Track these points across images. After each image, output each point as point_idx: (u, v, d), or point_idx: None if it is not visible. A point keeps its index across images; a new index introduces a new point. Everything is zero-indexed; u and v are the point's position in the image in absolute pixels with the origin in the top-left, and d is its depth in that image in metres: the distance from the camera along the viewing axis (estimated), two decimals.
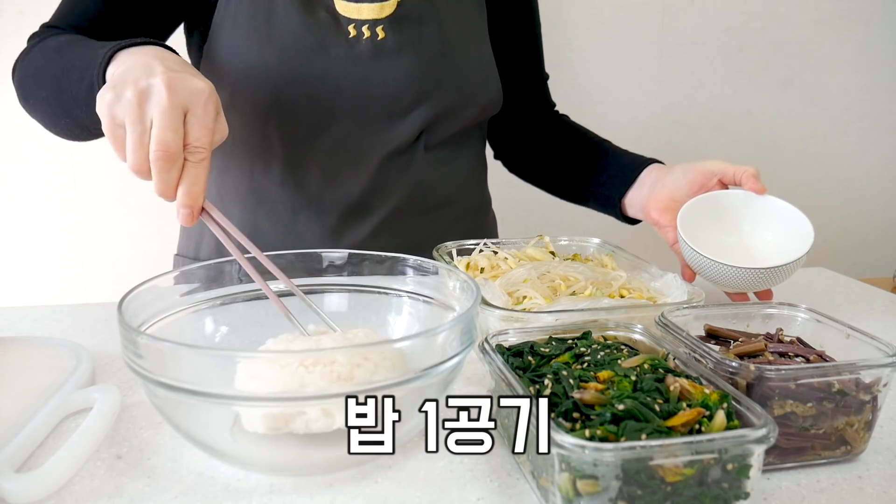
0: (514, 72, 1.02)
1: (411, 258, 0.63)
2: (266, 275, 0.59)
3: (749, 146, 1.80)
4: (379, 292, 0.63)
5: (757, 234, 0.82)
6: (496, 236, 1.06)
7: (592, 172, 0.98)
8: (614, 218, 0.97)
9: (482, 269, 0.76)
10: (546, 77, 1.09)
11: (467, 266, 0.77)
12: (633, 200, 0.91)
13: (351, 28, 0.84)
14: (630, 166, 0.93)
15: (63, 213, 1.56)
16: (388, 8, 0.86)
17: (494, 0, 0.98)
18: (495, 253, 0.81)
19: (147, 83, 0.57)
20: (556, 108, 1.11)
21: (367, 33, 0.85)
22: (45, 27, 0.84)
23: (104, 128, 0.60)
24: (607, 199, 0.95)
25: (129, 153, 0.58)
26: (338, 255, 0.64)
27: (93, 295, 1.60)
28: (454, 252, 0.81)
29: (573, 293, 0.68)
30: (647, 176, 0.90)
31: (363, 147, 0.88)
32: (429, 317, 0.61)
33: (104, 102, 0.58)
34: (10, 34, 1.44)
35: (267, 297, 0.63)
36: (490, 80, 0.95)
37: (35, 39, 0.83)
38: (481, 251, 0.81)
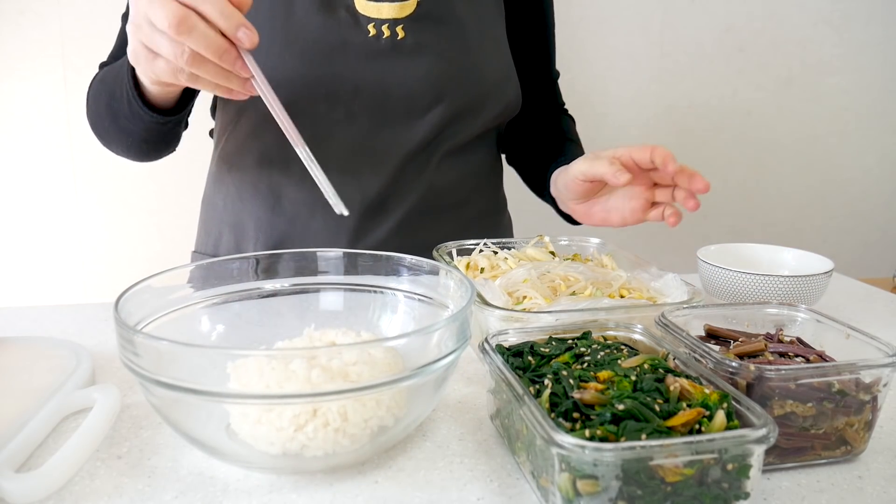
0: (523, 69, 1.02)
1: (407, 257, 0.63)
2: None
3: (749, 146, 1.80)
4: (374, 291, 0.63)
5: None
6: (511, 237, 1.06)
7: (546, 171, 1.00)
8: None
9: (482, 269, 0.76)
10: (556, 76, 1.08)
11: (467, 266, 0.77)
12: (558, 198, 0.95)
13: (370, 27, 0.85)
14: (557, 164, 0.95)
15: (63, 213, 1.56)
16: (407, 7, 0.86)
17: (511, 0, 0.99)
18: (495, 253, 0.81)
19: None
20: (566, 109, 1.11)
21: (386, 32, 0.85)
22: (100, 66, 0.92)
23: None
24: (549, 197, 0.98)
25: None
26: (333, 254, 0.64)
27: (93, 295, 1.60)
28: (454, 252, 0.81)
29: (573, 293, 0.68)
30: (554, 175, 0.94)
31: (382, 146, 0.89)
32: (424, 315, 0.61)
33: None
34: (10, 34, 1.44)
35: (265, 297, 0.63)
36: (509, 80, 0.95)
37: (91, 82, 0.90)
38: (481, 251, 0.81)
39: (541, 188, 1.02)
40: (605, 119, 1.71)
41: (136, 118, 0.80)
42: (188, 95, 0.84)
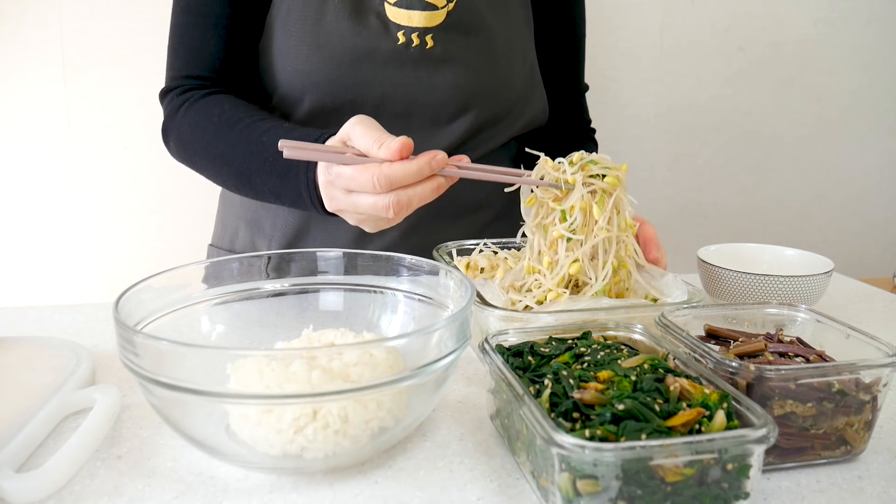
0: (550, 80, 1.01)
1: (407, 257, 0.63)
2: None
3: (749, 146, 1.80)
4: (374, 291, 0.63)
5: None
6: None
7: None
8: None
9: (482, 269, 0.76)
10: (584, 89, 1.08)
11: (467, 266, 0.77)
12: None
13: (400, 35, 0.84)
14: None
15: (63, 213, 1.56)
16: (438, 17, 0.86)
17: (541, 10, 0.98)
18: (495, 253, 0.80)
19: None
20: (592, 129, 1.10)
21: (416, 41, 0.85)
22: (178, 79, 0.88)
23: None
24: None
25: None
26: (333, 254, 0.64)
27: (93, 295, 1.60)
28: (454, 252, 0.81)
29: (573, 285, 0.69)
30: None
31: None
32: (424, 315, 0.61)
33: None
34: (10, 34, 1.44)
35: (265, 297, 0.63)
36: (535, 93, 0.95)
37: (175, 103, 0.86)
38: (481, 251, 0.81)
39: None
40: (604, 120, 1.71)
41: (299, 205, 0.78)
42: None
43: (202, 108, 0.84)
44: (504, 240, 0.83)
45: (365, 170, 0.62)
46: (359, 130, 0.65)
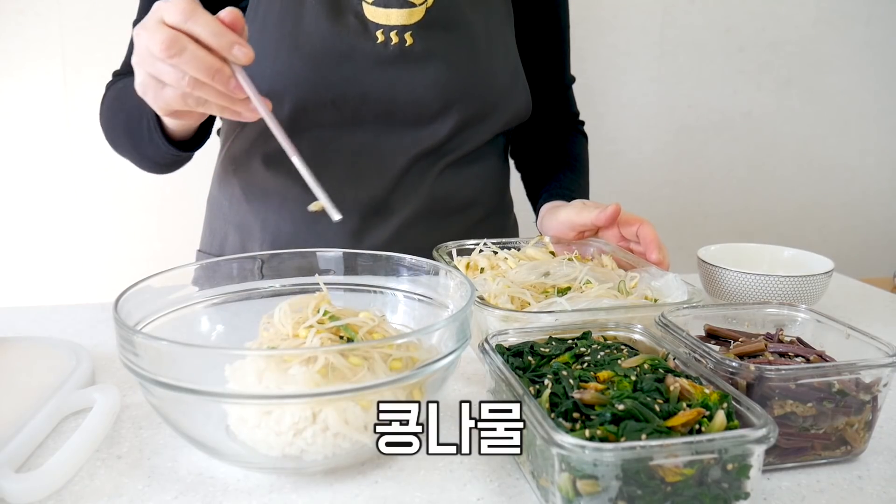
0: (534, 74, 1.01)
1: (407, 257, 0.63)
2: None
3: (749, 146, 1.80)
4: (374, 291, 0.63)
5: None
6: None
7: (538, 196, 1.01)
8: None
9: (482, 269, 0.76)
10: (570, 81, 1.07)
11: (467, 266, 0.77)
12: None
13: (379, 34, 0.84)
14: (545, 197, 0.97)
15: (63, 213, 1.56)
16: (416, 14, 0.86)
17: (522, 3, 0.98)
18: (495, 253, 0.80)
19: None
20: (580, 122, 1.10)
21: (395, 39, 0.85)
22: (113, 75, 0.93)
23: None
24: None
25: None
26: (333, 254, 0.64)
27: (93, 295, 1.60)
28: (454, 252, 0.81)
29: (567, 288, 0.69)
30: (542, 211, 0.95)
31: (388, 151, 0.89)
32: (424, 315, 0.61)
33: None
34: (10, 34, 1.44)
35: (265, 297, 0.63)
36: (518, 88, 0.95)
37: (105, 90, 0.92)
38: (481, 251, 0.81)
39: (534, 207, 1.03)
40: (604, 119, 1.71)
41: (155, 147, 0.81)
42: (205, 127, 0.84)
43: (114, 88, 0.89)
44: (504, 239, 0.83)
45: None
46: None
